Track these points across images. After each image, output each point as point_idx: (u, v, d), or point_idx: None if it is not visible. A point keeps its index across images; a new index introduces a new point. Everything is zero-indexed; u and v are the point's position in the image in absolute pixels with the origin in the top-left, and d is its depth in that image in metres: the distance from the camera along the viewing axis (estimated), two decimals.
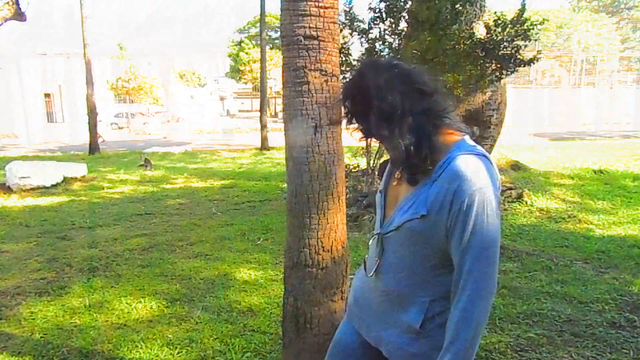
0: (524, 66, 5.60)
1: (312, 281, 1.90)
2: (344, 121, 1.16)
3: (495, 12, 5.59)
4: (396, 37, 5.57)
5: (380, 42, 5.62)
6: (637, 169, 8.54)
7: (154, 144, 17.47)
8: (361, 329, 1.28)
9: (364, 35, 5.67)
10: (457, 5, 5.02)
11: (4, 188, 7.57)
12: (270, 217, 5.54)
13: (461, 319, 1.02)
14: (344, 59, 5.71)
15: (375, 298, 1.22)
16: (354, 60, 5.65)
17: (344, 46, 5.84)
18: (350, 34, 5.84)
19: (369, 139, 1.16)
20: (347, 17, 5.74)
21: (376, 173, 5.32)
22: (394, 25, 5.46)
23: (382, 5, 5.39)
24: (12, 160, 8.56)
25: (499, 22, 5.35)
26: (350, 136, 1.22)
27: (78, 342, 2.68)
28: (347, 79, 1.23)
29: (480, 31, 5.92)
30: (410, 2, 5.36)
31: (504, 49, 5.34)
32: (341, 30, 5.60)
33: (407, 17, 5.38)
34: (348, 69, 5.54)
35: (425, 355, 1.12)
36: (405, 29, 5.53)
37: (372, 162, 5.87)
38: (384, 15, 5.42)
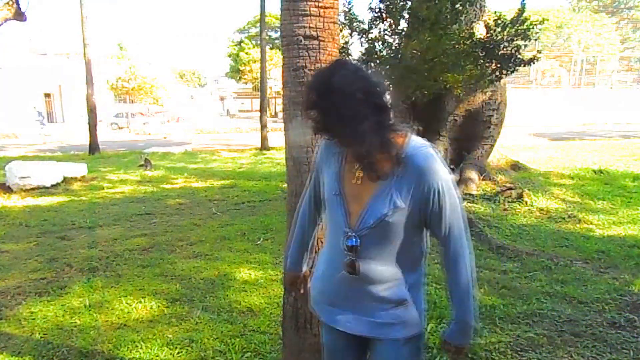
0: (524, 66, 5.61)
1: None
2: (304, 110, 1.23)
3: (495, 12, 5.59)
4: (396, 37, 5.57)
5: (380, 42, 5.61)
6: (637, 169, 8.54)
7: (154, 144, 17.47)
8: (346, 328, 1.34)
9: (363, 35, 5.67)
10: (457, 5, 5.02)
11: (4, 188, 7.56)
12: (270, 217, 5.54)
13: (454, 281, 1.26)
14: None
15: (355, 291, 1.29)
16: (354, 60, 5.65)
17: (344, 46, 5.84)
18: (350, 34, 5.83)
19: (320, 133, 1.24)
20: (347, 17, 5.73)
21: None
22: (393, 25, 5.46)
23: (382, 5, 5.39)
24: (12, 160, 8.56)
25: (499, 22, 5.36)
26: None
27: (78, 342, 2.68)
28: (316, 72, 1.32)
29: (480, 31, 5.92)
30: (410, 2, 5.36)
31: (504, 49, 5.35)
32: (341, 30, 5.60)
33: (407, 17, 5.38)
34: None
35: (414, 318, 1.30)
36: (405, 28, 5.52)
37: None
38: (383, 15, 5.42)
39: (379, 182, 1.21)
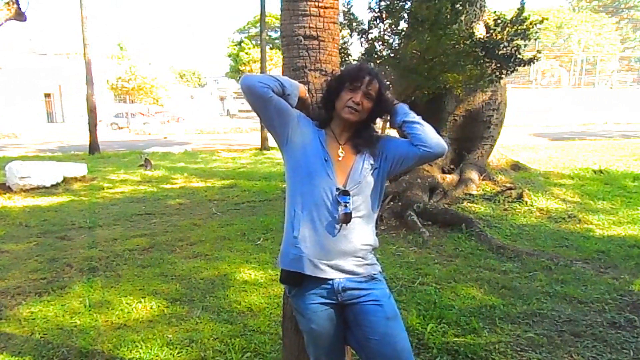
0: (524, 66, 5.61)
1: None
2: (366, 94, 1.54)
3: (495, 12, 5.59)
4: (396, 37, 5.57)
5: (380, 43, 5.61)
6: (637, 169, 8.54)
7: (154, 144, 17.47)
8: (352, 271, 1.55)
9: (363, 36, 5.66)
10: (457, 5, 5.01)
11: (4, 188, 7.56)
12: (270, 217, 5.54)
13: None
14: (344, 59, 5.70)
15: (344, 244, 1.52)
16: (353, 60, 5.65)
17: (344, 46, 5.83)
18: (350, 34, 5.83)
19: (361, 117, 1.57)
20: (347, 17, 5.73)
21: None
22: (393, 26, 5.45)
23: (382, 4, 5.38)
24: (12, 160, 8.55)
25: (499, 21, 5.35)
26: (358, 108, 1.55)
27: (78, 342, 2.68)
28: (364, 66, 1.62)
29: (480, 31, 5.92)
30: (409, 2, 5.36)
31: (504, 49, 5.34)
32: (341, 30, 5.59)
33: (407, 17, 5.38)
34: None
35: (377, 260, 1.64)
36: (405, 29, 5.52)
37: None
38: (383, 15, 5.41)
39: (357, 155, 1.58)
